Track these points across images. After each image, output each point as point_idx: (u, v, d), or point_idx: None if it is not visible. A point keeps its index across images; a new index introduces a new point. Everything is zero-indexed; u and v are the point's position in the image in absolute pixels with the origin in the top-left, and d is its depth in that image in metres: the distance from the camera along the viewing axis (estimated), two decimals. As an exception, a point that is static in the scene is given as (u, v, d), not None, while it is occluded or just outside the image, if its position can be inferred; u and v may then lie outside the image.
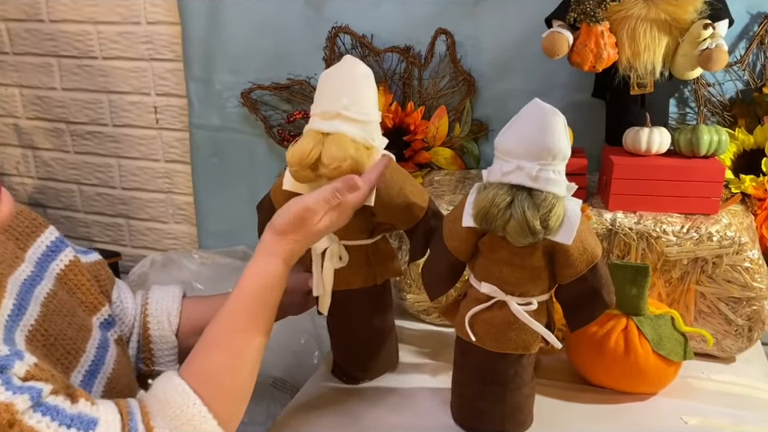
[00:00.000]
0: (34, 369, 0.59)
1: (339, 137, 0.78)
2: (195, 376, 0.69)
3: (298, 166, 0.79)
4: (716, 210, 0.97)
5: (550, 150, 0.69)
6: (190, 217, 1.61)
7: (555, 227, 0.70)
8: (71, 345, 0.71)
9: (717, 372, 0.98)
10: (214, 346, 0.72)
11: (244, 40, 1.33)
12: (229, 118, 1.40)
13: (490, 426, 0.83)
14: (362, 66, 0.81)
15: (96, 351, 0.75)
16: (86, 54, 1.54)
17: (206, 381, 0.68)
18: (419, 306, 1.11)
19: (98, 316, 0.80)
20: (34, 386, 0.57)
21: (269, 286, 0.74)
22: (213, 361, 0.71)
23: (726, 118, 1.11)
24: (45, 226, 0.79)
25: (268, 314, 0.74)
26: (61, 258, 0.78)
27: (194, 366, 0.70)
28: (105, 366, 0.75)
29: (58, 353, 0.68)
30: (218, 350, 0.71)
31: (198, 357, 0.71)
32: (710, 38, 0.94)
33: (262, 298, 0.73)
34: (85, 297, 0.79)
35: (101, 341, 0.77)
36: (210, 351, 0.71)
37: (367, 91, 0.81)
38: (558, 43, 0.98)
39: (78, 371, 0.70)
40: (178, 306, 0.90)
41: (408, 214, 0.85)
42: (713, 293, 0.96)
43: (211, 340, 0.72)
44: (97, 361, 0.74)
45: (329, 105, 0.79)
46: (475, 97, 1.23)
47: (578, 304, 0.78)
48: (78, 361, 0.71)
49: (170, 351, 0.89)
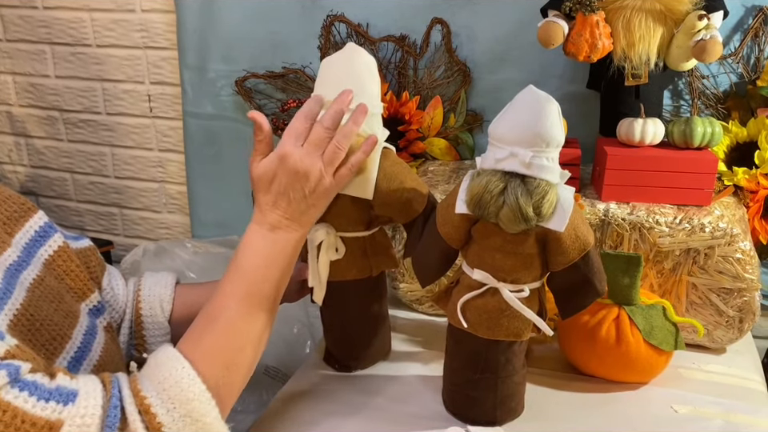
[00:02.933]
0: (14, 349, 0.59)
1: None
2: (187, 343, 0.69)
3: None
4: (708, 201, 0.98)
5: (544, 137, 0.69)
6: (183, 206, 1.61)
7: (548, 214, 0.70)
8: (57, 331, 0.70)
9: (707, 362, 0.98)
10: (206, 318, 0.72)
11: (239, 28, 1.32)
12: (223, 106, 1.39)
13: (481, 413, 0.83)
14: (364, 55, 0.80)
15: (83, 338, 0.74)
16: (80, 42, 1.53)
17: (196, 346, 0.68)
18: (412, 295, 1.11)
19: (86, 302, 0.79)
20: (11, 363, 0.57)
21: (241, 247, 0.74)
22: (205, 330, 0.70)
23: (720, 111, 1.11)
24: (33, 210, 0.78)
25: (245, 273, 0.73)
26: (49, 244, 0.77)
27: (187, 337, 0.71)
28: (91, 353, 0.75)
29: (42, 338, 0.68)
30: (211, 321, 0.71)
31: (192, 329, 0.71)
32: (704, 29, 0.94)
33: (234, 259, 0.74)
34: (73, 283, 0.78)
35: (88, 327, 0.76)
36: (204, 323, 0.71)
37: (369, 82, 0.80)
38: (554, 33, 0.98)
39: (63, 357, 0.70)
40: (171, 292, 0.90)
41: (407, 208, 0.84)
42: (704, 284, 0.96)
43: (205, 313, 0.72)
44: (83, 347, 0.74)
45: (329, 94, 0.78)
46: (470, 87, 1.23)
47: (569, 292, 0.78)
48: (63, 347, 0.70)
49: (163, 338, 0.88)
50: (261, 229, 0.75)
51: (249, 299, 0.73)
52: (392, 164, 0.83)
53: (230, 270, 0.74)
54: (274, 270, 0.74)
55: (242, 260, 0.74)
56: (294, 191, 0.74)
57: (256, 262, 0.74)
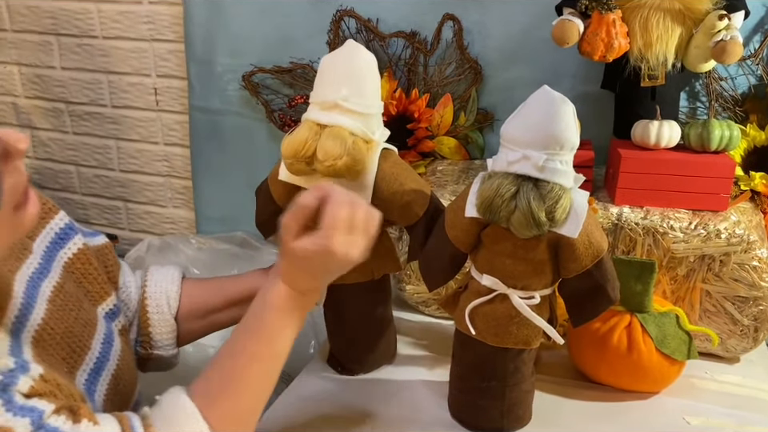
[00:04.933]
0: (38, 383, 0.57)
1: (336, 130, 0.76)
2: (204, 399, 0.65)
3: (293, 158, 0.77)
4: (725, 206, 0.95)
5: (558, 140, 0.67)
6: (188, 201, 1.59)
7: (561, 220, 0.68)
8: (77, 342, 0.69)
9: (721, 372, 0.96)
10: (227, 375, 0.68)
11: (247, 22, 1.30)
12: (230, 101, 1.38)
13: (487, 421, 0.81)
14: (364, 53, 0.78)
15: (101, 347, 0.73)
16: (87, 33, 1.51)
17: (214, 406, 0.65)
18: (418, 297, 1.09)
19: (103, 306, 0.78)
20: (36, 407, 0.55)
21: (268, 306, 0.69)
22: (226, 390, 0.66)
23: (738, 114, 1.09)
24: (54, 211, 0.76)
25: (271, 335, 0.69)
26: (69, 246, 0.76)
27: (204, 391, 0.66)
28: (109, 363, 0.73)
29: (63, 352, 0.66)
30: (232, 381, 0.67)
31: (209, 381, 0.67)
32: (724, 30, 0.91)
33: (260, 317, 0.70)
34: (91, 286, 0.76)
35: (106, 334, 0.75)
36: (225, 381, 0.67)
37: (369, 81, 0.78)
38: (569, 31, 0.95)
39: (83, 370, 0.68)
40: (177, 288, 0.88)
41: (407, 212, 0.82)
42: (719, 291, 0.94)
43: (225, 368, 0.68)
44: (102, 357, 0.72)
45: (327, 94, 0.76)
46: (481, 85, 1.21)
47: (581, 299, 0.76)
48: (83, 359, 0.69)
49: (169, 335, 0.87)
50: (292, 291, 0.70)
51: (270, 362, 0.69)
52: (392, 165, 0.81)
53: (254, 327, 0.69)
54: (296, 329, 0.71)
55: (269, 320, 0.69)
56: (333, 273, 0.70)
57: (282, 324, 0.70)
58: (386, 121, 1.22)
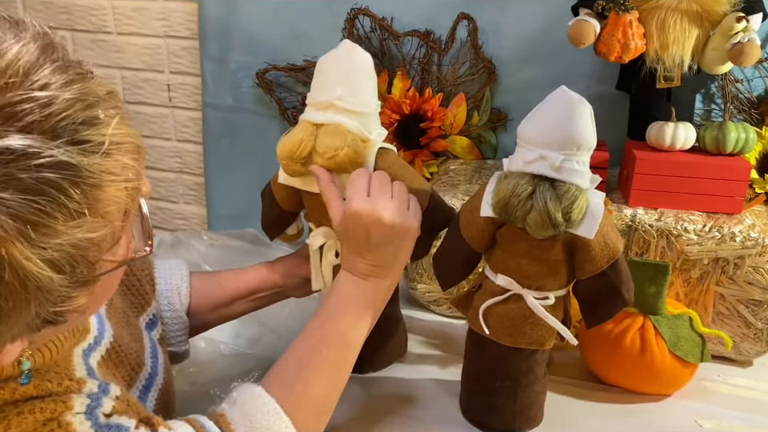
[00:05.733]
0: (118, 402, 0.58)
1: (333, 126, 0.75)
2: (279, 388, 0.66)
3: (288, 159, 0.77)
4: (740, 209, 0.95)
5: (575, 140, 0.67)
6: (200, 197, 1.59)
7: (577, 220, 0.68)
8: (136, 359, 0.69)
9: (733, 375, 0.96)
10: (298, 362, 0.69)
11: (261, 20, 1.31)
12: (243, 98, 1.38)
13: (499, 421, 0.81)
14: (360, 53, 0.78)
15: (151, 361, 0.73)
16: (101, 29, 1.52)
17: (289, 393, 0.66)
18: (430, 296, 1.09)
19: (143, 317, 0.78)
20: (121, 424, 0.56)
21: (333, 293, 0.73)
22: (299, 376, 0.68)
23: (754, 116, 1.08)
24: None
25: (335, 321, 0.72)
26: None
27: (278, 380, 0.68)
28: (158, 378, 0.74)
29: (125, 370, 0.67)
30: (304, 367, 0.69)
31: (282, 371, 0.69)
32: (742, 32, 0.91)
33: (326, 305, 0.73)
34: (134, 298, 0.77)
35: (151, 348, 0.75)
36: (297, 368, 0.69)
37: (364, 80, 0.78)
38: (585, 32, 0.95)
39: (136, 387, 0.69)
40: (187, 284, 0.88)
41: None
42: (733, 294, 0.94)
43: (296, 356, 0.70)
44: (152, 372, 0.73)
45: (323, 94, 0.76)
46: (495, 85, 1.21)
47: (596, 300, 0.76)
48: (138, 376, 0.70)
49: (182, 331, 0.87)
50: (351, 276, 0.73)
51: (340, 349, 0.71)
52: (389, 165, 0.80)
53: (321, 314, 0.72)
54: (366, 317, 0.73)
55: (335, 306, 0.72)
56: (385, 247, 0.72)
57: (348, 308, 0.72)
58: (399, 119, 1.23)
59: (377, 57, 1.24)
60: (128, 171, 0.46)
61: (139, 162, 0.48)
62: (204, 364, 1.02)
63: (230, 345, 1.08)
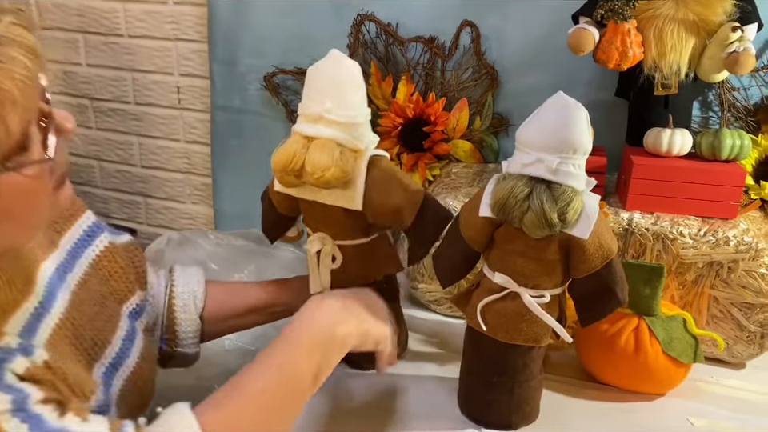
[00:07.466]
0: (39, 369, 0.57)
1: (323, 142, 0.76)
2: (204, 404, 0.65)
3: (282, 172, 0.77)
4: (734, 214, 0.97)
5: (572, 144, 0.69)
6: (207, 198, 1.62)
7: (572, 221, 0.70)
8: (98, 336, 0.70)
9: (726, 377, 0.97)
10: (235, 381, 0.68)
11: (269, 23, 1.34)
12: (251, 100, 1.41)
13: (496, 416, 0.83)
14: (347, 63, 0.78)
15: (122, 343, 0.74)
16: (112, 32, 1.55)
17: (218, 416, 0.64)
18: (431, 296, 1.12)
19: (127, 305, 0.79)
20: (23, 390, 0.54)
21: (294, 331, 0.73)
22: (233, 396, 0.67)
23: (750, 124, 1.10)
24: (82, 210, 0.78)
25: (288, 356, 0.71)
26: (96, 244, 0.77)
27: (210, 398, 0.66)
28: (129, 360, 0.74)
29: (85, 343, 0.68)
30: (232, 383, 0.68)
31: (221, 400, 0.67)
32: (738, 41, 0.93)
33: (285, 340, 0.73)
34: (117, 285, 0.78)
35: (128, 332, 0.76)
36: (232, 385, 0.68)
37: (352, 91, 0.78)
38: (584, 40, 0.98)
39: (101, 363, 0.70)
40: (203, 290, 0.91)
41: (398, 217, 0.82)
42: (726, 297, 0.96)
43: (238, 376, 0.69)
44: (121, 353, 0.73)
45: (313, 106, 0.76)
46: (497, 90, 1.23)
47: (590, 300, 0.78)
48: (102, 353, 0.70)
49: (194, 333, 0.89)
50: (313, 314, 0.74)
51: (283, 377, 0.70)
52: (381, 172, 0.80)
53: (275, 342, 0.72)
54: (315, 355, 0.72)
55: (290, 335, 0.72)
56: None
57: (301, 341, 0.72)
58: (402, 123, 1.25)
59: (382, 62, 1.27)
60: (17, 64, 0.50)
61: (33, 63, 0.52)
62: (208, 359, 1.04)
63: (234, 341, 1.11)
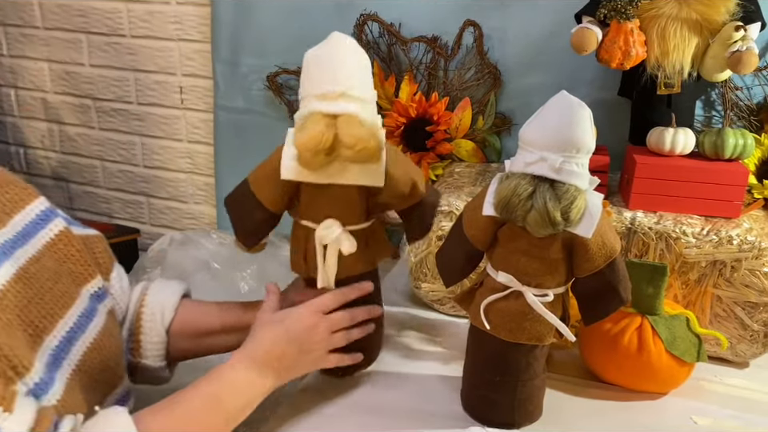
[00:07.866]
0: None
1: (350, 117, 0.75)
2: (143, 411, 0.69)
3: (312, 152, 0.75)
4: (737, 213, 0.97)
5: (575, 143, 0.69)
6: (209, 198, 1.62)
7: (576, 220, 0.70)
8: (47, 309, 0.70)
9: (729, 376, 0.97)
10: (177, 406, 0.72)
11: (272, 24, 1.34)
12: (253, 100, 1.41)
13: (499, 415, 0.84)
14: (356, 44, 0.78)
15: (77, 319, 0.74)
16: (115, 32, 1.55)
17: (148, 414, 0.68)
18: (433, 295, 1.12)
19: (88, 287, 0.79)
20: None
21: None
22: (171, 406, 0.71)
23: (753, 123, 1.10)
24: (35, 196, 0.78)
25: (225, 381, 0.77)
26: (50, 228, 0.77)
27: (151, 417, 0.70)
28: (85, 335, 0.75)
29: (32, 314, 0.68)
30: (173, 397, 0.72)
31: (160, 410, 0.71)
32: (740, 41, 0.93)
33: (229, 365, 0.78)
34: (74, 267, 0.78)
35: (87, 310, 0.76)
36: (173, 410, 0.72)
37: (366, 70, 0.79)
38: (587, 39, 0.98)
39: (53, 335, 0.70)
40: (175, 302, 0.90)
41: (412, 193, 0.83)
42: (730, 297, 0.96)
43: (176, 400, 0.72)
44: (76, 328, 0.74)
45: (330, 85, 0.75)
46: (500, 90, 1.23)
47: (593, 298, 0.78)
48: (54, 326, 0.70)
49: (159, 345, 0.89)
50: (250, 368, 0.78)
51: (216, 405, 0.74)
52: (391, 148, 0.82)
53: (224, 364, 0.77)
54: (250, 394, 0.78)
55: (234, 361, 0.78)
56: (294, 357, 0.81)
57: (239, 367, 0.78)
58: (405, 123, 1.25)
59: (385, 61, 1.27)
60: None
61: None
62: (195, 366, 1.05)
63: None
